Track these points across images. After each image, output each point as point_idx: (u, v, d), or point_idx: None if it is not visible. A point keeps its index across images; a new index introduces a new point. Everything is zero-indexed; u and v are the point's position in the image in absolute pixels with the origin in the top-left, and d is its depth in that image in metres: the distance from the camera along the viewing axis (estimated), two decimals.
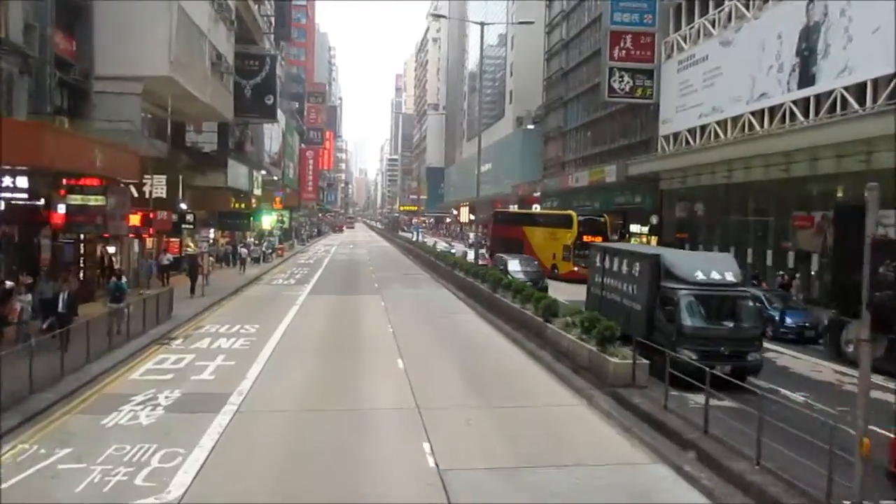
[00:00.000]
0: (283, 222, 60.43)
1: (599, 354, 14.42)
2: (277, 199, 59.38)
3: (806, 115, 31.40)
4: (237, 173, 40.93)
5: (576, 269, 37.72)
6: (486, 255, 64.25)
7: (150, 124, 29.00)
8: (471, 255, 41.74)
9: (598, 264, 20.04)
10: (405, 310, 27.09)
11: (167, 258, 31.66)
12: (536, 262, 34.74)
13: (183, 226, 36.04)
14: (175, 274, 32.28)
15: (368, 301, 29.75)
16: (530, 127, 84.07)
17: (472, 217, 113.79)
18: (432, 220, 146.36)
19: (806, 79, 31.38)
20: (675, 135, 43.50)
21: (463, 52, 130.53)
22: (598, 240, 39.04)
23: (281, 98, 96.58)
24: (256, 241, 51.32)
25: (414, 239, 63.72)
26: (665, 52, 45.06)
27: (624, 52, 46.11)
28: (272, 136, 78.31)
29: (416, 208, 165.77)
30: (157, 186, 25.79)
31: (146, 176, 25.90)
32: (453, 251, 47.77)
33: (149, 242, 34.02)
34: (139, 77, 25.63)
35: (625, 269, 17.77)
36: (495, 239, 49.34)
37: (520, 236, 45.55)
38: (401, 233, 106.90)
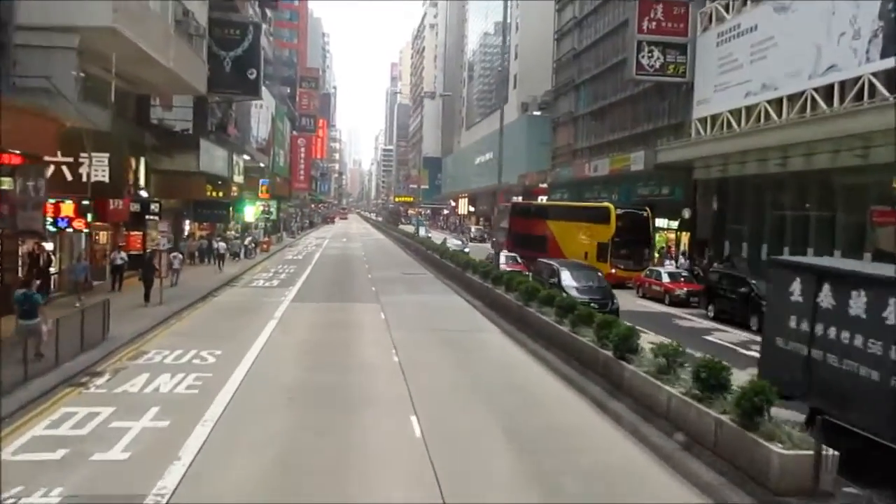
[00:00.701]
0: (269, 213, 54.64)
1: (744, 434, 8.83)
2: (264, 187, 53.51)
3: (892, 89, 25.87)
4: (213, 157, 35.12)
5: (613, 271, 32.13)
6: (493, 251, 58.93)
7: (94, 91, 23.13)
8: (500, 258, 35.63)
9: (797, 296, 11.16)
10: (412, 325, 21.46)
11: (120, 257, 25.87)
12: (601, 275, 26.07)
13: (147, 217, 30.40)
14: (132, 275, 26.50)
15: (365, 311, 24.10)
16: (536, 113, 78.42)
17: (472, 209, 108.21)
18: (428, 211, 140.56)
19: (893, 46, 25.79)
20: (714, 117, 37.94)
21: (462, 37, 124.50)
22: (639, 237, 33.69)
23: (271, 82, 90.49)
24: (237, 235, 45.55)
25: (418, 234, 57.76)
26: (701, 23, 39.42)
27: (654, 23, 40.42)
28: (260, 119, 72.26)
29: (411, 199, 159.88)
30: (97, 168, 20.03)
31: (83, 154, 20.08)
32: (466, 250, 41.88)
33: (102, 237, 28.26)
34: (73, 27, 19.78)
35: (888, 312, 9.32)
36: (514, 235, 43.62)
37: (543, 232, 39.90)
38: (400, 225, 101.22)
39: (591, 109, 56.96)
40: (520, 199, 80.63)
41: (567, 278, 23.79)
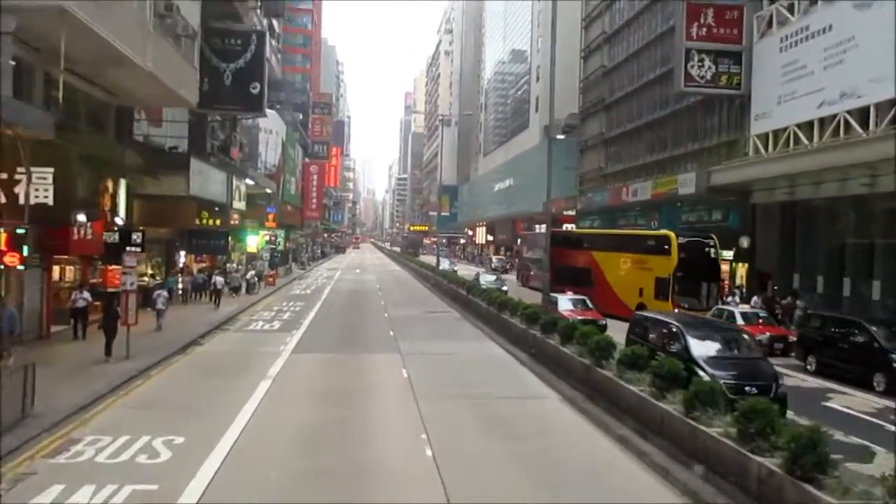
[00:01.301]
0: (276, 244, 50.06)
1: None
2: (270, 215, 48.97)
3: None
4: (208, 180, 30.59)
5: (677, 311, 27.00)
6: (519, 282, 53.92)
7: (62, 100, 18.52)
8: (563, 302, 30.01)
9: None
10: (444, 389, 16.51)
11: (82, 297, 21.17)
12: (752, 341, 17.39)
13: (128, 248, 25.82)
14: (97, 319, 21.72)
15: (382, 367, 19.16)
16: (560, 137, 73.75)
17: (490, 237, 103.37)
18: (444, 240, 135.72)
19: None
20: (778, 132, 33.06)
21: (478, 63, 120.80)
22: (705, 271, 28.59)
23: (282, 107, 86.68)
24: (238, 267, 40.90)
25: (441, 266, 52.27)
26: (759, 28, 34.68)
27: (705, 29, 35.72)
28: (269, 144, 68.19)
29: (426, 228, 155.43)
30: (37, 186, 15.41)
31: (20, 170, 15.43)
32: (504, 288, 36.81)
33: (69, 273, 23.60)
34: (11, 7, 15.33)
35: None
36: (555, 268, 38.40)
37: (587, 264, 34.88)
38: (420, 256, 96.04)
39: (624, 129, 52.18)
40: (542, 227, 75.87)
41: (698, 346, 14.89)
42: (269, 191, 50.30)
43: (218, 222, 33.60)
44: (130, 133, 27.23)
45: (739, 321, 24.94)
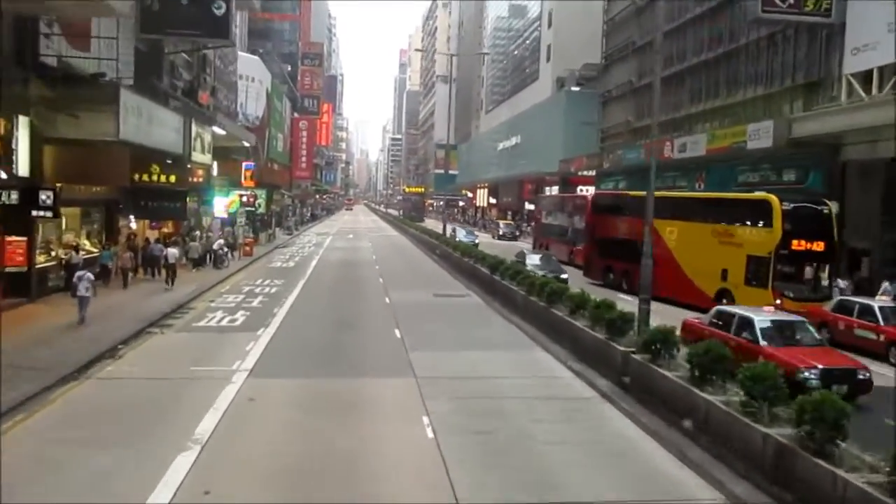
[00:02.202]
0: (256, 206, 42.37)
1: None
2: (248, 172, 41.12)
3: None
4: (153, 122, 22.77)
5: (778, 301, 19.65)
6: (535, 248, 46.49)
7: None
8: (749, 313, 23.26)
9: None
10: (500, 457, 9.22)
11: None
12: None
13: (34, 212, 18.60)
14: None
15: (391, 411, 11.75)
16: (575, 89, 65.85)
17: (493, 200, 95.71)
18: (441, 203, 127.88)
19: None
20: (883, 69, 25.53)
21: (479, 12, 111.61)
22: (820, 246, 21.14)
23: (268, 56, 78.21)
24: (208, 234, 33.38)
25: (451, 236, 44.34)
26: None
27: None
28: (250, 93, 60.03)
29: (422, 189, 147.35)
30: None
31: None
32: (564, 276, 26.55)
33: None
34: None
35: None
36: (598, 241, 30.79)
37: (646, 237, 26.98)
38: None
39: (663, 75, 44.26)
40: (555, 189, 68.36)
41: None
42: (247, 144, 42.39)
43: (172, 178, 25.87)
44: (35, 53, 19.40)
45: (881, 319, 17.72)
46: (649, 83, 46.07)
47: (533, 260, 28.11)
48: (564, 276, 25.56)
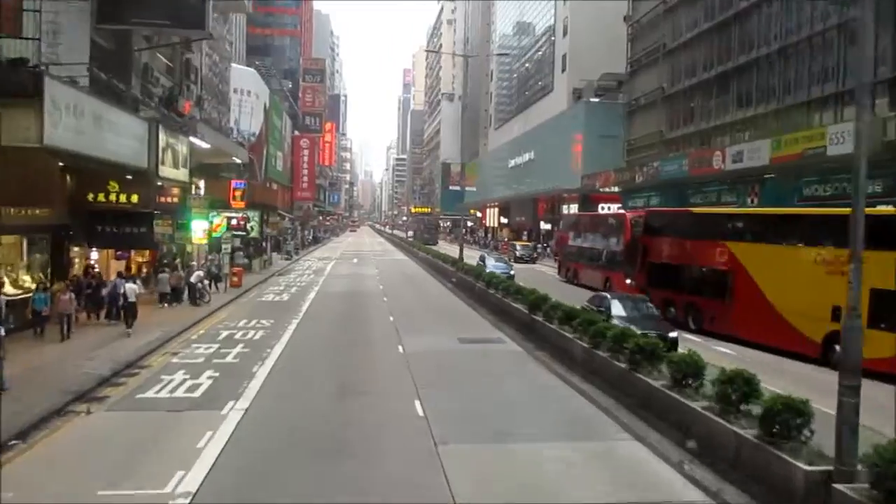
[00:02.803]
0: (246, 231, 37.35)
1: None
2: (238, 192, 36.09)
3: None
4: (102, 127, 17.75)
5: None
6: (561, 277, 41.21)
7: None
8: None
9: None
10: None
11: None
12: None
13: None
14: None
15: None
16: (594, 100, 61.06)
17: (504, 220, 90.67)
18: (448, 223, 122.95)
19: None
20: None
21: (487, 26, 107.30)
22: None
23: (266, 70, 73.72)
24: (190, 264, 28.33)
25: (482, 266, 35.65)
26: None
27: None
28: (245, 107, 55.33)
29: (429, 210, 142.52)
30: None
31: None
32: (673, 334, 18.32)
33: None
34: None
35: None
36: (652, 266, 25.31)
37: (721, 262, 21.44)
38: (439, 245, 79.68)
39: (699, 79, 39.43)
40: (574, 208, 63.27)
41: None
42: (238, 160, 37.44)
43: (134, 198, 20.88)
44: None
45: None
46: (684, 89, 41.25)
47: (621, 308, 19.54)
48: (673, 334, 18.10)
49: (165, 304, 24.39)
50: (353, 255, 62.50)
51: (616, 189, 50.36)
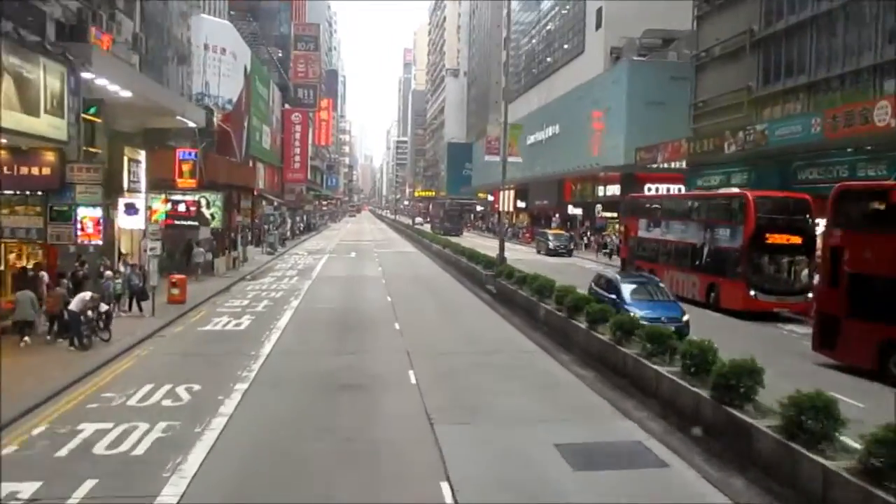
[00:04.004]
0: (208, 219, 26.79)
1: None
2: (186, 165, 25.12)
3: None
4: None
5: None
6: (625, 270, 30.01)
7: None
8: None
9: None
10: None
11: None
12: None
13: None
14: None
15: None
16: (638, 58, 50.34)
17: (522, 204, 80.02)
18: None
19: None
20: None
21: None
22: None
23: (256, 40, 62.96)
24: (103, 273, 17.81)
25: (619, 297, 17.99)
26: None
27: None
28: (216, 68, 44.64)
29: (433, 193, 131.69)
30: None
31: None
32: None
33: None
34: None
35: None
36: (859, 283, 14.25)
37: None
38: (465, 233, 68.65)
39: (823, 9, 28.63)
40: (613, 189, 52.70)
41: None
42: (192, 124, 26.73)
43: None
44: None
45: None
46: (789, 27, 30.55)
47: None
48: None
49: (24, 341, 14.00)
50: (351, 247, 51.67)
51: (678, 165, 39.83)
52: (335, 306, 22.49)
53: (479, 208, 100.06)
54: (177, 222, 24.55)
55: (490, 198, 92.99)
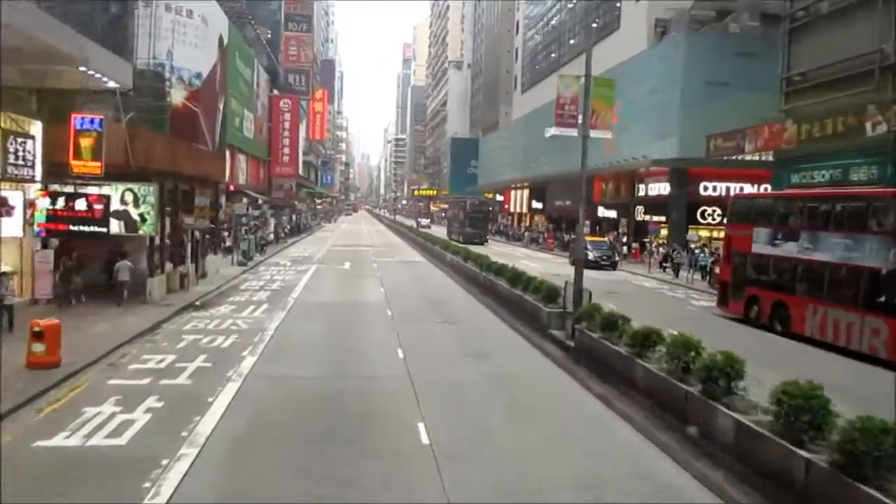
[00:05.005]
0: (135, 221, 18.03)
1: None
2: (87, 139, 16.08)
3: None
4: None
5: None
6: (730, 310, 19.29)
7: None
8: None
9: None
10: None
11: None
12: None
13: None
14: None
15: None
16: (694, 29, 41.56)
17: (539, 205, 71.00)
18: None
19: None
20: None
21: None
22: None
23: (239, 14, 53.82)
24: None
25: None
26: None
27: None
28: (181, 35, 35.56)
29: (434, 192, 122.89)
30: None
31: None
32: None
33: None
34: None
35: None
36: None
37: None
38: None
39: None
40: (659, 187, 43.87)
41: None
42: (113, 84, 17.83)
43: None
44: None
45: None
46: None
47: None
48: None
49: None
50: (344, 255, 42.46)
51: (754, 157, 31.09)
52: (313, 374, 13.43)
53: (488, 209, 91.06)
54: (72, 227, 15.54)
55: (500, 198, 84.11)
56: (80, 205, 15.55)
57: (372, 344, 16.17)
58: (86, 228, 15.64)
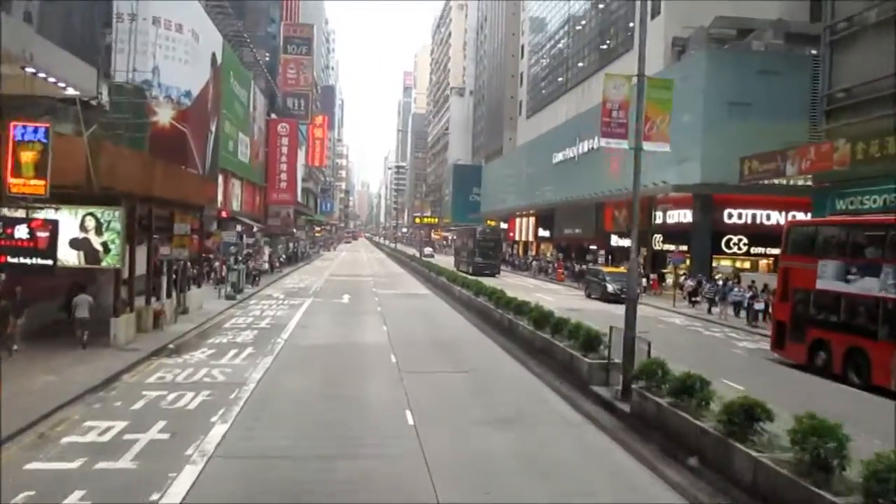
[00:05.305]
0: (101, 249, 15.26)
1: None
2: (30, 154, 13.13)
3: None
4: None
5: None
6: (791, 356, 16.04)
7: None
8: None
9: None
10: None
11: None
12: None
13: None
14: None
15: None
16: (721, 48, 39.16)
17: (545, 233, 68.25)
18: (454, 237, 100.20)
19: None
20: None
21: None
22: None
23: (237, 34, 51.58)
24: None
25: None
26: None
27: None
28: (171, 52, 33.06)
29: (436, 220, 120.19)
30: None
31: None
32: None
33: None
34: None
35: None
36: None
37: None
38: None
39: None
40: (680, 215, 41.14)
41: None
42: (71, 91, 15.14)
43: None
44: None
45: None
46: None
47: None
48: None
49: None
50: (343, 286, 39.41)
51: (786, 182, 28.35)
52: (300, 452, 10.33)
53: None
54: (10, 259, 12.65)
55: (504, 225, 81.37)
56: (21, 232, 12.68)
57: (375, 404, 13.14)
58: (26, 261, 12.74)
